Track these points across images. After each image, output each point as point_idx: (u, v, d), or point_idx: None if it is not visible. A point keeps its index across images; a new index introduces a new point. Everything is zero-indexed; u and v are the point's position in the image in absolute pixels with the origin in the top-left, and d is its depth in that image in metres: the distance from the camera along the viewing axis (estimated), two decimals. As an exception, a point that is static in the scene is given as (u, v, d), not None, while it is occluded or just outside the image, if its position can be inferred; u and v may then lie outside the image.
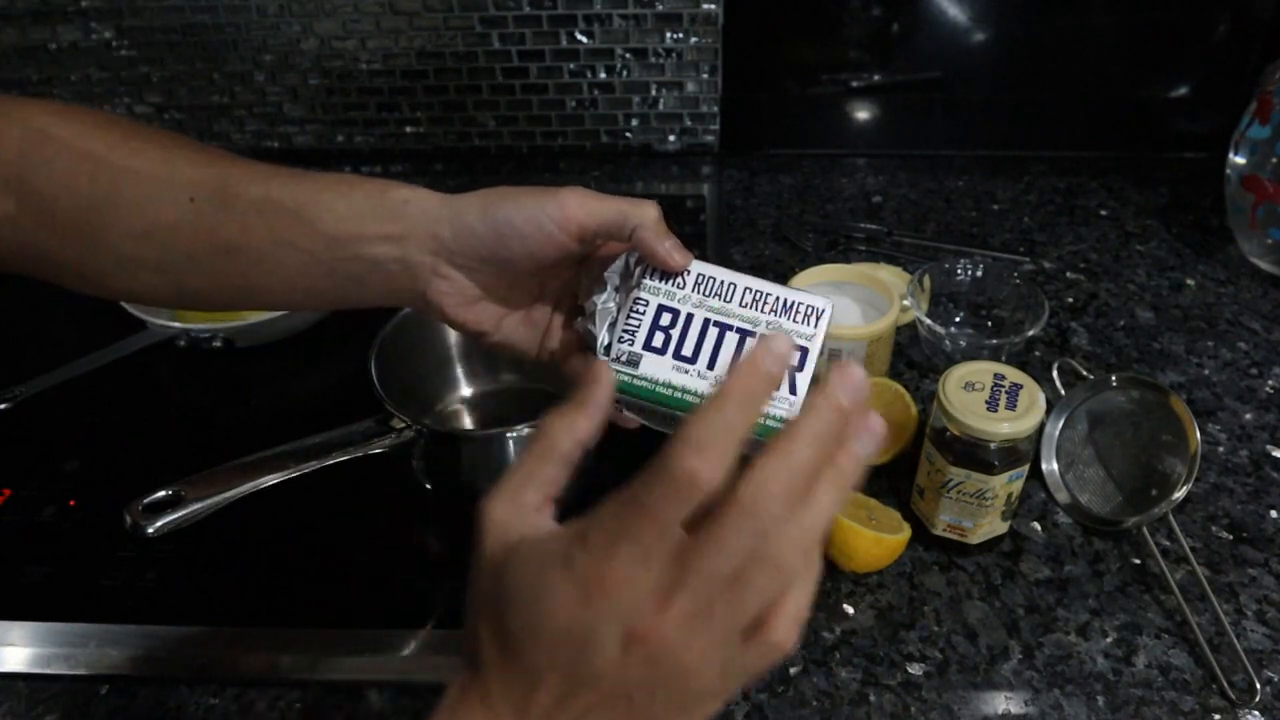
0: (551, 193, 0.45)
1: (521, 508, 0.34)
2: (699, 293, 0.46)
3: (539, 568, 0.31)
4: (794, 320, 0.45)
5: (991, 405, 0.57)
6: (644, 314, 0.45)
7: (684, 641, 0.30)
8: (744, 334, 0.45)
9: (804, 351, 0.44)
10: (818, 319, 0.45)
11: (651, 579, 0.30)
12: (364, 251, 0.47)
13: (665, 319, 0.45)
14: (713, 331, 0.45)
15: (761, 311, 0.45)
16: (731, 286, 0.46)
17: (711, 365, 0.44)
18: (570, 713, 0.31)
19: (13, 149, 0.47)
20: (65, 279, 0.51)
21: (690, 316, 0.45)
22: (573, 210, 0.44)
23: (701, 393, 0.44)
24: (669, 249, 0.45)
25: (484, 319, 0.49)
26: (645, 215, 0.45)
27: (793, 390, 0.43)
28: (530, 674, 0.31)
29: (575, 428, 0.35)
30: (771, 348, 0.32)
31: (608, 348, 0.46)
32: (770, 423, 0.42)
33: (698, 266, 0.46)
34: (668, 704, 0.31)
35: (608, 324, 0.46)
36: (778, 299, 0.45)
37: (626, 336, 0.45)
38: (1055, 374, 0.72)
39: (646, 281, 0.46)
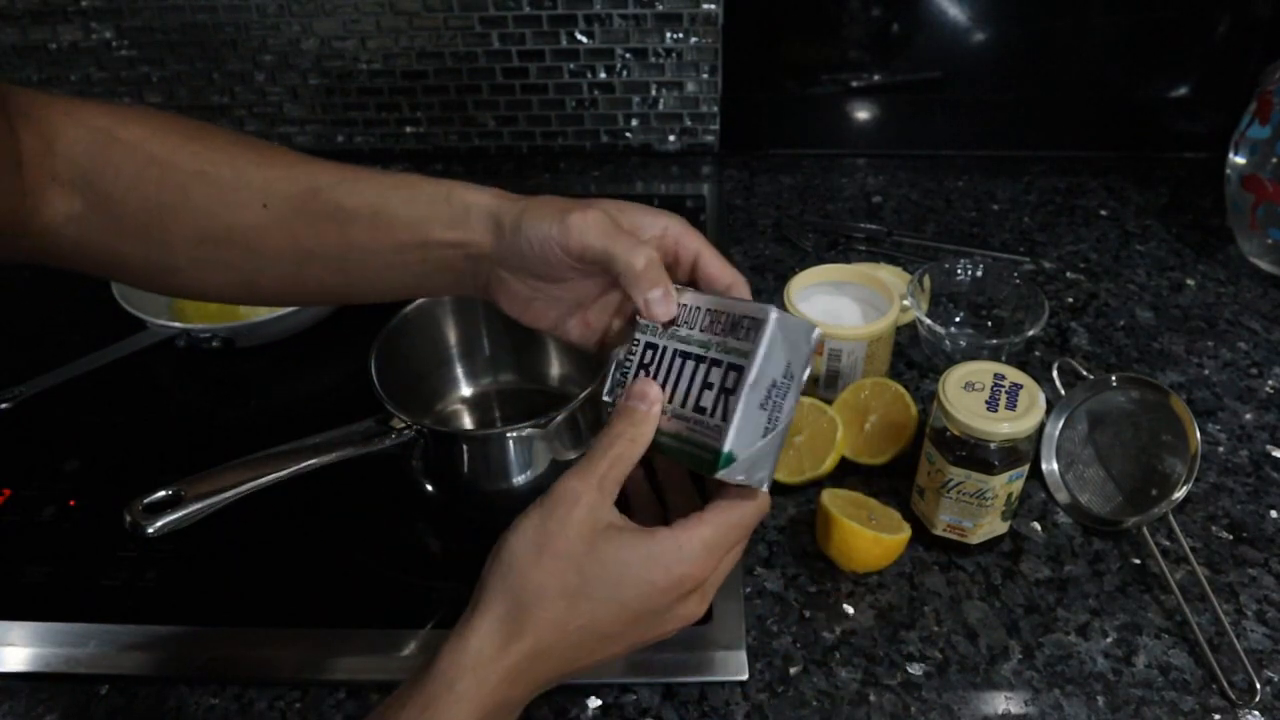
0: (566, 214, 0.45)
1: (606, 498, 0.42)
2: (674, 323, 0.46)
3: (651, 557, 0.41)
4: (737, 338, 0.43)
5: (991, 405, 0.57)
6: (636, 353, 0.47)
7: (692, 613, 0.44)
8: (699, 360, 0.44)
9: (738, 370, 0.42)
10: (756, 332, 0.42)
11: (707, 584, 0.44)
12: (432, 255, 0.49)
13: (649, 356, 0.46)
14: (678, 362, 0.45)
15: (715, 334, 0.44)
16: (696, 310, 0.45)
17: (671, 400, 0.44)
18: (601, 629, 0.42)
19: (80, 149, 0.47)
20: (131, 277, 0.53)
21: (664, 350, 0.45)
22: (574, 237, 0.45)
23: (670, 431, 0.44)
24: (650, 300, 0.45)
25: (540, 318, 0.51)
26: (630, 263, 0.44)
27: (724, 416, 0.41)
28: (591, 627, 0.41)
29: (636, 437, 0.44)
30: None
31: (608, 390, 0.47)
32: (699, 451, 0.42)
33: (685, 296, 0.46)
34: (661, 630, 0.44)
35: (614, 363, 0.48)
36: (727, 317, 0.44)
37: (620, 378, 0.47)
38: (1055, 374, 0.72)
39: (639, 319, 0.47)
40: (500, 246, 0.47)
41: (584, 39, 1.02)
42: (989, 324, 0.79)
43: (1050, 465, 0.67)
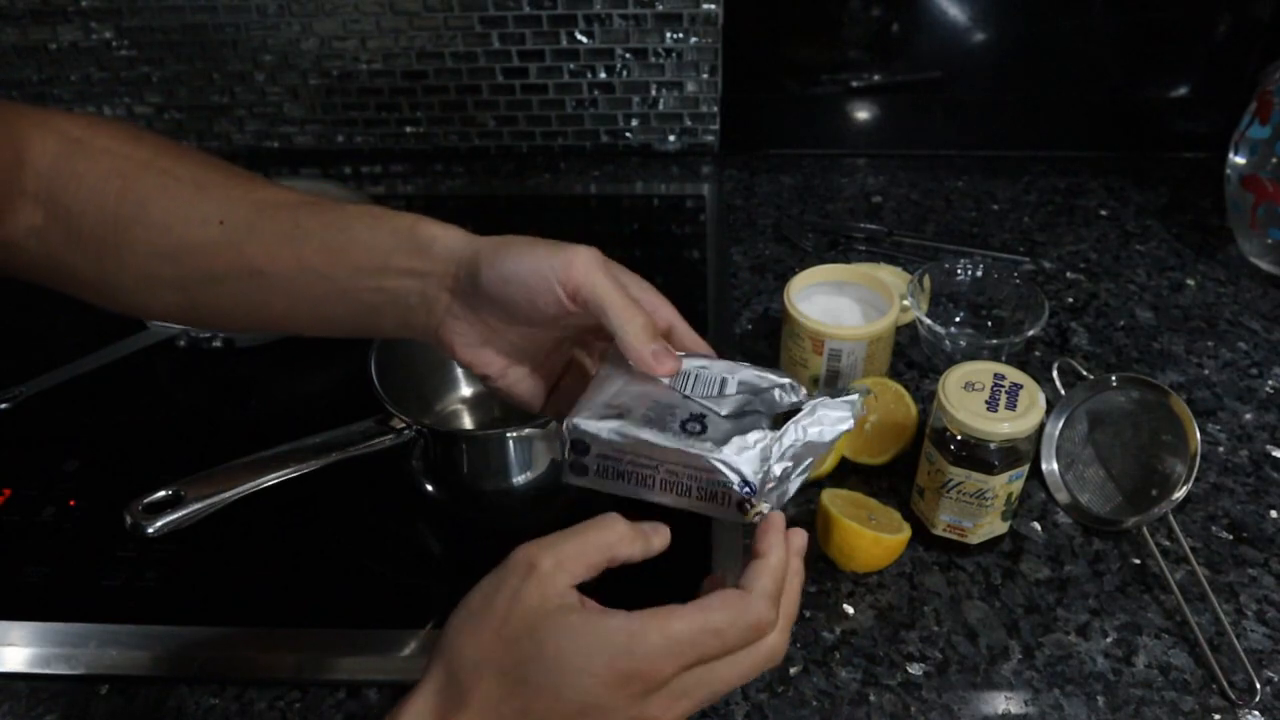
0: (562, 248, 0.45)
1: (566, 576, 0.38)
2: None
3: (594, 645, 0.36)
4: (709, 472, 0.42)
5: (991, 405, 0.57)
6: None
7: (654, 716, 0.38)
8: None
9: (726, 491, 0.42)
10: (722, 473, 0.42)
11: (676, 687, 0.37)
12: (387, 284, 0.47)
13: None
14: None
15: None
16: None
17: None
18: None
19: (46, 159, 0.47)
20: (84, 293, 0.51)
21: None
22: (578, 273, 0.44)
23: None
24: (653, 353, 0.44)
25: (491, 363, 0.49)
26: (626, 319, 0.44)
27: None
28: (522, 687, 0.37)
29: (632, 550, 0.40)
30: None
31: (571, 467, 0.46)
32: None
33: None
34: None
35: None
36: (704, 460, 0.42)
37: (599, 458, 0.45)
38: (1055, 374, 0.72)
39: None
40: (469, 280, 0.46)
41: (584, 39, 1.02)
42: (989, 324, 0.79)
43: (1050, 465, 0.67)
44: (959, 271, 0.79)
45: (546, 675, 0.37)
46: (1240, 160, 0.85)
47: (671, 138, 1.10)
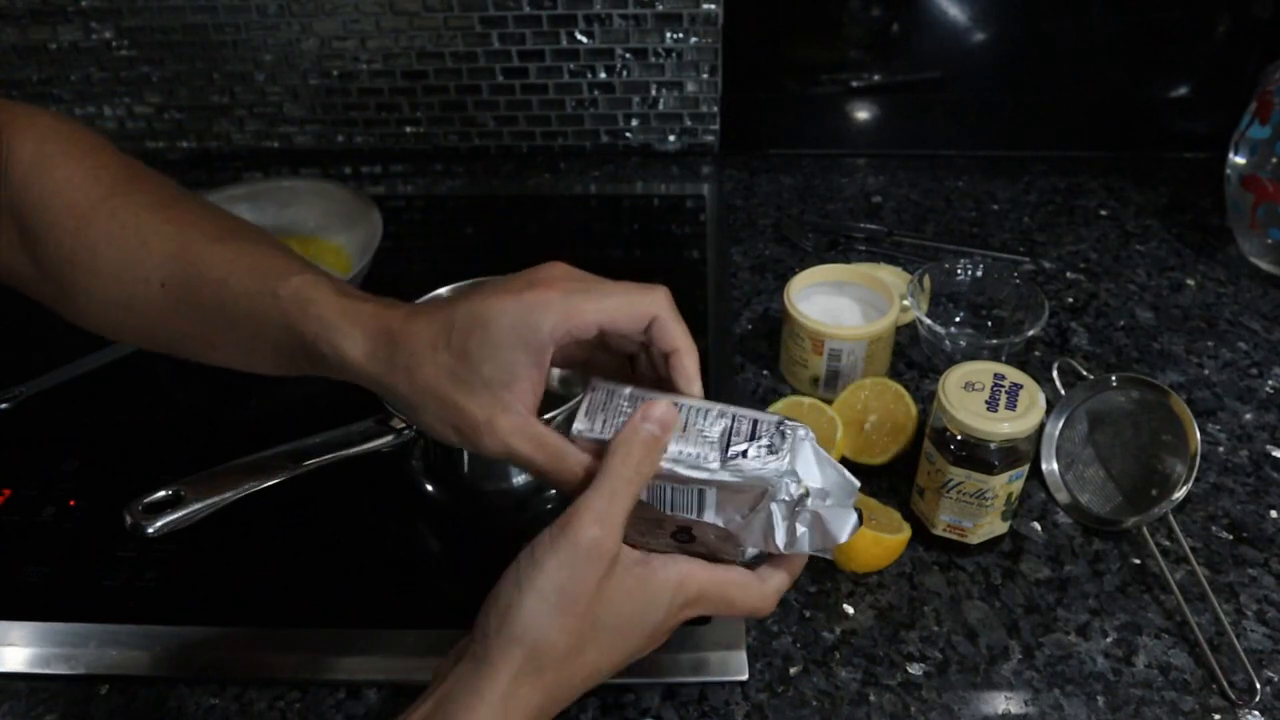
0: (477, 426, 0.43)
1: (616, 531, 0.42)
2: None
3: (656, 593, 0.42)
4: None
5: (991, 405, 0.57)
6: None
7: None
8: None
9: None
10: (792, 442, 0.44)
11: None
12: (324, 373, 0.47)
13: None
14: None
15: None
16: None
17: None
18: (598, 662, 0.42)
19: (19, 173, 0.47)
20: (60, 314, 0.52)
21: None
22: (498, 451, 0.43)
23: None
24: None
25: None
26: (573, 474, 0.44)
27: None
28: (595, 669, 0.42)
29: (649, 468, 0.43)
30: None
31: (587, 418, 0.46)
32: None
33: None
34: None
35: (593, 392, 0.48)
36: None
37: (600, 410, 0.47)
38: (1055, 374, 0.72)
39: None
40: (398, 396, 0.45)
41: (584, 39, 1.02)
42: (989, 324, 0.79)
43: (1050, 465, 0.67)
44: (959, 271, 0.79)
45: (621, 641, 0.42)
46: (1240, 160, 0.85)
47: (671, 138, 1.10)
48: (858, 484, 0.46)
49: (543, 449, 0.43)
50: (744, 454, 0.43)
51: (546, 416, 0.60)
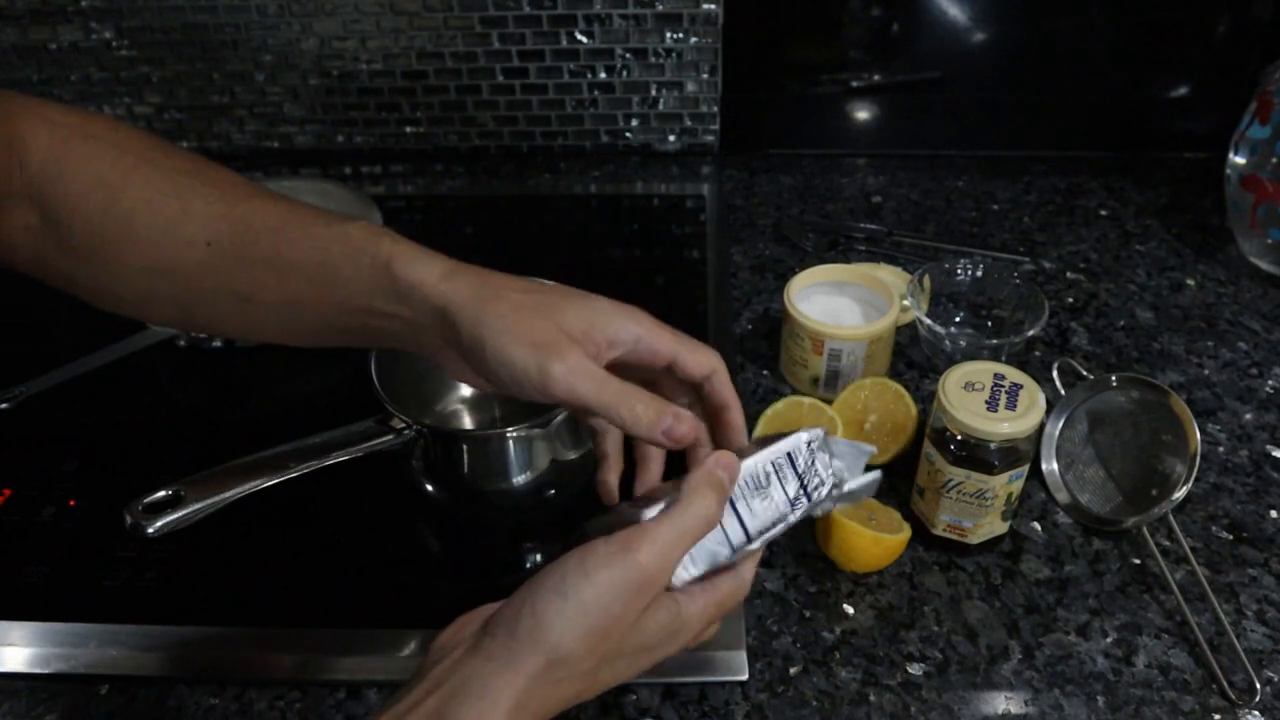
0: (540, 355, 0.43)
1: (671, 568, 0.41)
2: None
3: (684, 625, 0.42)
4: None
5: (991, 405, 0.57)
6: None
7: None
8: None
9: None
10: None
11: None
12: (372, 323, 0.47)
13: None
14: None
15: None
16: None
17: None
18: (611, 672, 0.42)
19: (37, 158, 0.46)
20: (85, 298, 0.51)
21: None
22: (557, 388, 0.43)
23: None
24: (669, 433, 0.44)
25: (490, 386, 0.48)
26: (633, 417, 0.43)
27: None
28: (619, 671, 0.41)
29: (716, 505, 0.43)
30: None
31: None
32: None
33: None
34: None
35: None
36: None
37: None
38: (1055, 374, 0.72)
39: None
40: (455, 344, 0.45)
41: (584, 39, 1.02)
42: (989, 324, 0.79)
43: (1050, 465, 0.67)
44: (959, 271, 0.79)
45: (639, 650, 0.41)
46: (1240, 160, 0.85)
47: (671, 138, 1.10)
48: (872, 449, 0.48)
49: (607, 386, 0.43)
50: (803, 492, 0.45)
51: (548, 416, 0.60)
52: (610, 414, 0.43)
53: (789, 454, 0.45)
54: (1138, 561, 0.62)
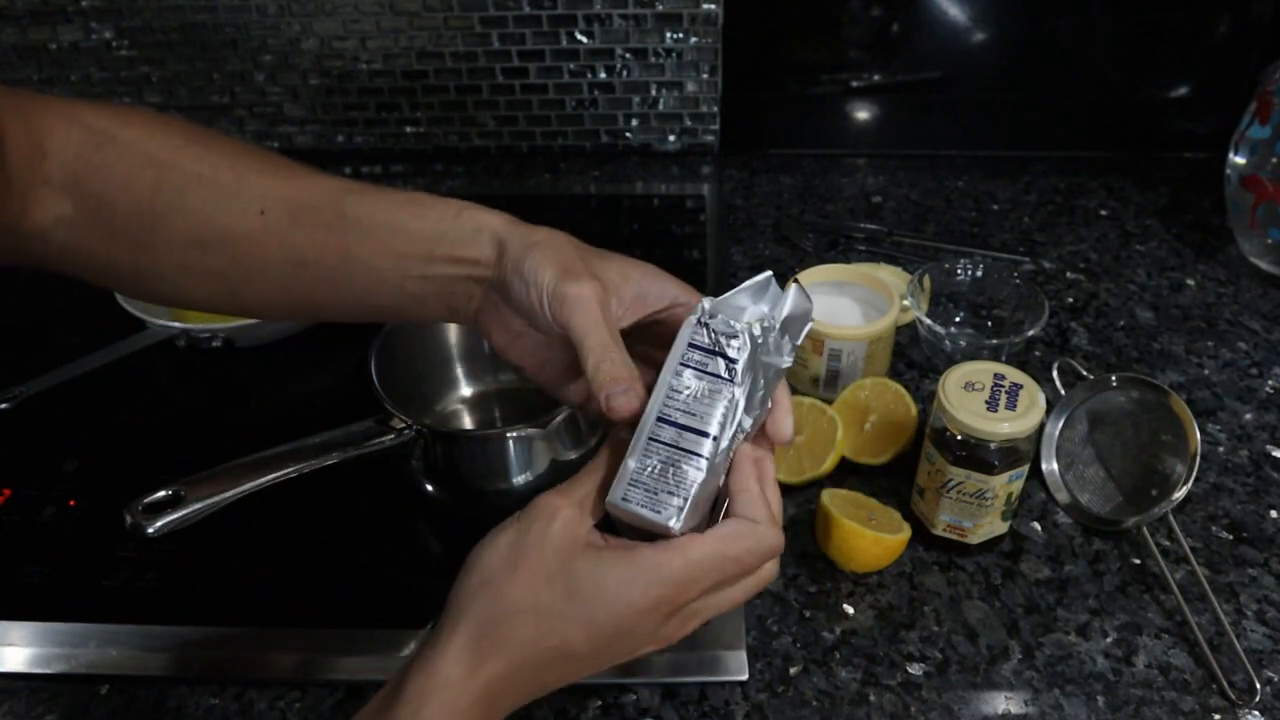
0: (566, 276, 0.43)
1: (586, 517, 0.42)
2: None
3: (627, 577, 0.39)
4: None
5: (991, 405, 0.57)
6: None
7: (669, 635, 0.42)
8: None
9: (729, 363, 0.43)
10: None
11: (691, 609, 0.42)
12: (432, 272, 0.47)
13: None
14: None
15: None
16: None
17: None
18: (582, 661, 0.41)
19: (71, 150, 0.46)
20: (119, 284, 0.51)
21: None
22: (564, 308, 0.43)
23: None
24: (608, 398, 0.43)
25: (526, 358, 0.50)
26: (595, 363, 0.42)
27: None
28: (563, 648, 0.40)
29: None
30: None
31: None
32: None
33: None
34: (633, 654, 0.42)
35: None
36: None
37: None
38: (1055, 374, 0.72)
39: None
40: (500, 271, 0.46)
41: (584, 39, 1.02)
42: (989, 324, 0.79)
43: (1050, 465, 0.67)
44: (959, 271, 0.79)
45: (584, 608, 0.39)
46: (1240, 160, 0.85)
47: (671, 138, 1.10)
48: (765, 274, 0.48)
49: (599, 331, 0.43)
50: (727, 360, 0.43)
51: (548, 416, 0.60)
52: (583, 355, 0.43)
53: (689, 344, 0.43)
54: (1138, 561, 0.62)
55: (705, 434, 0.42)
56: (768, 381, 0.44)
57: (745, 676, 0.55)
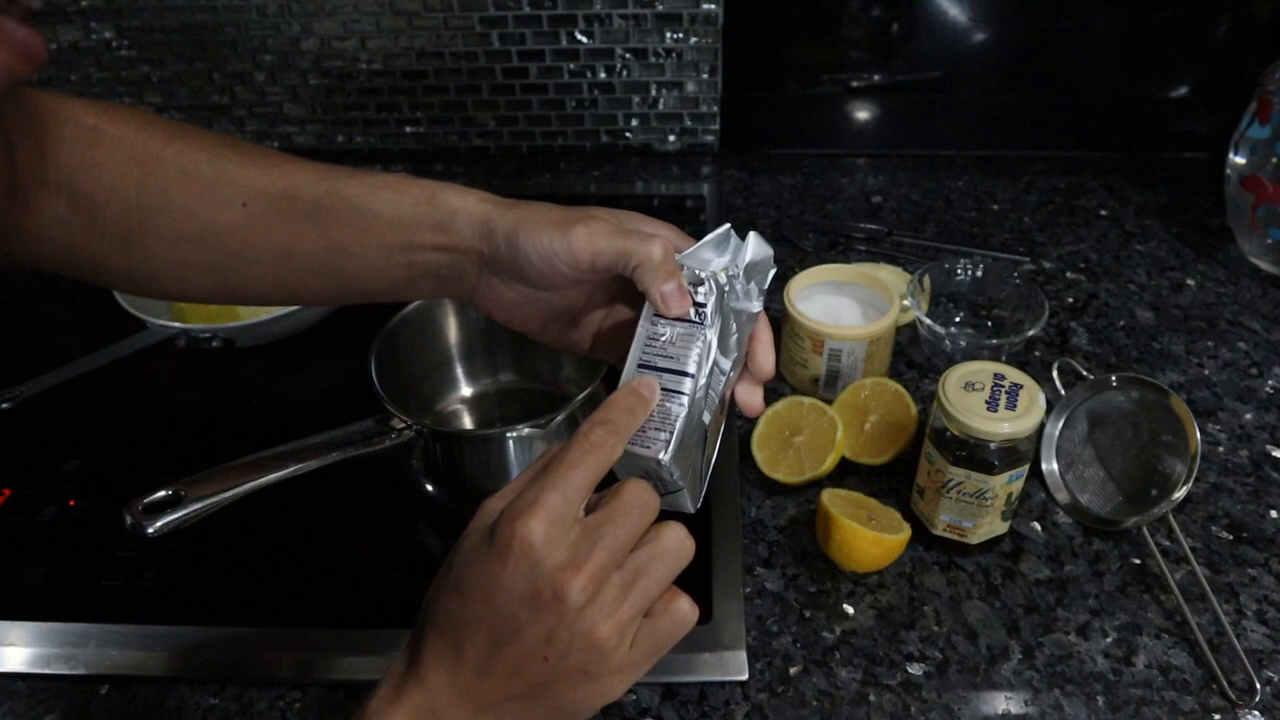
0: (565, 227, 0.44)
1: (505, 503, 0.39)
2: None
3: (471, 546, 0.38)
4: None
5: (991, 405, 0.57)
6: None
7: (590, 610, 0.36)
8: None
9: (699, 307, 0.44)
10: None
11: (563, 547, 0.36)
12: (416, 258, 0.48)
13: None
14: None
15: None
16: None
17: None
18: (495, 671, 0.37)
19: (65, 148, 0.47)
20: (114, 281, 0.51)
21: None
22: (580, 249, 0.44)
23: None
24: (665, 293, 0.43)
25: (529, 323, 0.50)
26: (647, 254, 0.43)
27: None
28: (458, 634, 0.37)
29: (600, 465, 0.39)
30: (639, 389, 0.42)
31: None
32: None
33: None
34: (582, 669, 0.37)
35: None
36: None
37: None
38: (1055, 374, 0.72)
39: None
40: (491, 255, 0.46)
41: (584, 39, 1.02)
42: (989, 324, 0.79)
43: (1050, 465, 0.67)
44: (959, 271, 0.79)
45: (456, 592, 0.37)
46: (1240, 160, 0.85)
47: (671, 138, 1.10)
48: (724, 225, 0.48)
49: (627, 237, 0.44)
50: (695, 304, 0.44)
51: (548, 416, 0.60)
52: (632, 256, 0.43)
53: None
54: (1138, 561, 0.62)
55: (685, 373, 0.43)
56: (740, 326, 0.45)
57: (745, 676, 0.55)
